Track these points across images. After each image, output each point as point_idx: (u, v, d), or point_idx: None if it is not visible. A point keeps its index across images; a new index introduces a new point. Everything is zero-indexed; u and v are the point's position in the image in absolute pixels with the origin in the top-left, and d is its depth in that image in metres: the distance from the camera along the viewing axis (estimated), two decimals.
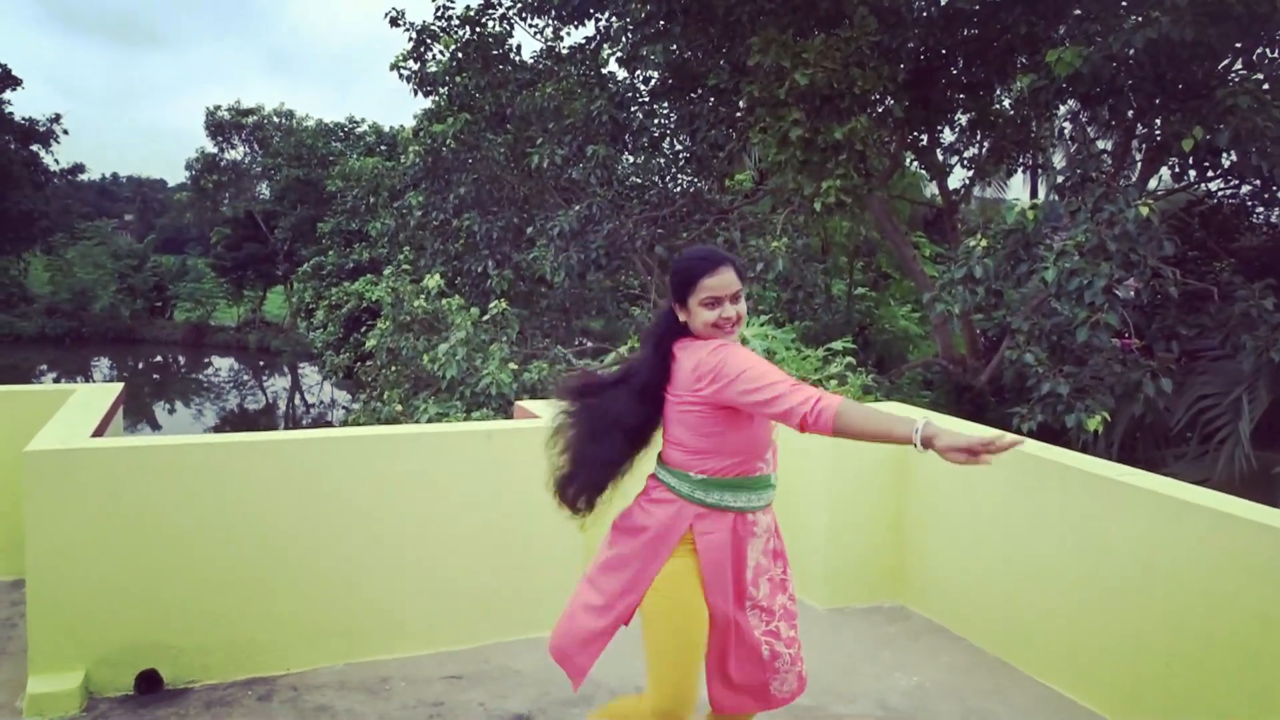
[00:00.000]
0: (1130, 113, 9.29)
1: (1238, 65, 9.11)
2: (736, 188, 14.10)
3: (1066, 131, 13.46)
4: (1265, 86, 8.31)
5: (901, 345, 15.44)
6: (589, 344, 14.29)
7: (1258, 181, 9.72)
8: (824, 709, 3.56)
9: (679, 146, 13.29)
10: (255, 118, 38.38)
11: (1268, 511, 3.23)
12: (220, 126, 38.53)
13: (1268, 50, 9.43)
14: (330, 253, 27.03)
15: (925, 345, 15.40)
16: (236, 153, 39.65)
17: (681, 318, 2.57)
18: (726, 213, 13.05)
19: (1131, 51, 8.06)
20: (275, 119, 38.43)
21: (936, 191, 13.99)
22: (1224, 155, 8.59)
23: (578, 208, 11.72)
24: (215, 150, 39.17)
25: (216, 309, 41.01)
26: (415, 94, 13.22)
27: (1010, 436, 2.21)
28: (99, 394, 4.84)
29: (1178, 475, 7.68)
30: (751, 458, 2.54)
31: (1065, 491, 3.82)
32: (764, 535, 2.63)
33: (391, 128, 32.86)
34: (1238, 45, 8.96)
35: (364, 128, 36.43)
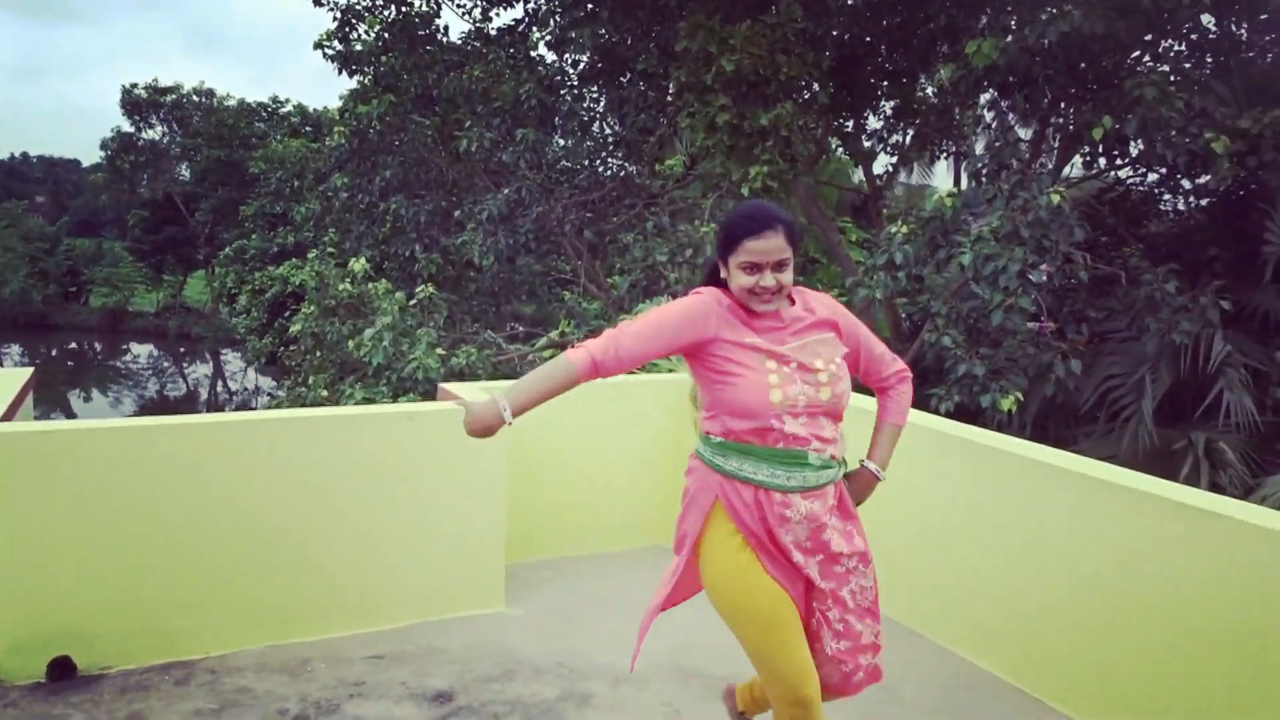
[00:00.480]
0: (1045, 102, 9.57)
1: (1146, 57, 9.46)
2: (667, 172, 14.18)
3: (988, 120, 13.81)
4: (1171, 78, 8.65)
5: None
6: (520, 329, 14.26)
7: (1164, 170, 10.09)
8: (741, 678, 3.65)
9: (609, 130, 13.30)
10: (174, 96, 37.23)
11: (1159, 483, 3.41)
12: (137, 105, 37.28)
13: (1173, 43, 9.82)
14: (253, 236, 26.45)
15: None
16: (154, 133, 38.45)
17: (723, 275, 2.41)
18: (656, 197, 13.12)
19: (1046, 43, 8.31)
20: (195, 98, 37.34)
21: (863, 177, 14.26)
22: (1132, 144, 8.91)
23: (506, 191, 11.67)
24: (132, 130, 37.90)
25: (134, 294, 39.79)
26: (340, 74, 13.00)
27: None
28: (7, 379, 4.72)
29: (1086, 452, 7.98)
30: (757, 416, 2.30)
31: (970, 467, 3.97)
32: (804, 524, 2.36)
33: (316, 109, 32.25)
34: (1146, 38, 9.31)
35: (288, 108, 35.67)
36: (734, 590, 2.37)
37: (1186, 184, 10.29)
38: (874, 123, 12.98)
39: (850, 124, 12.79)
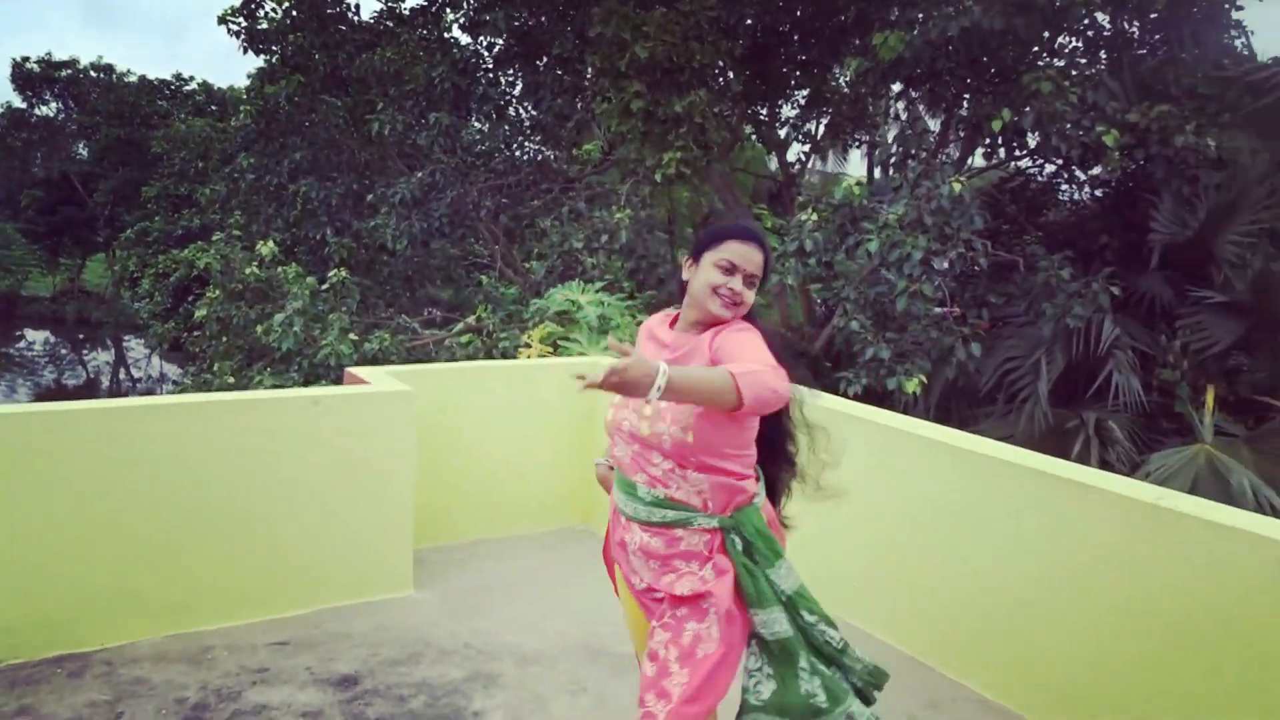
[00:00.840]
0: (949, 95, 9.86)
1: (1043, 53, 9.81)
2: (585, 157, 14.17)
3: (899, 110, 14.15)
4: (1069, 72, 8.99)
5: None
6: (438, 313, 14.11)
7: (1059, 161, 10.49)
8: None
9: (525, 115, 13.23)
10: (69, 72, 35.60)
11: (1041, 458, 3.59)
12: (29, 80, 35.54)
13: (1069, 39, 10.21)
14: (156, 218, 25.54)
15: (767, 314, 15.92)
16: (49, 109, 36.72)
17: (685, 275, 2.36)
18: (574, 182, 13.10)
19: (949, 37, 8.56)
20: (93, 74, 35.77)
21: (778, 165, 14.47)
22: (1029, 136, 9.24)
23: (420, 174, 11.53)
24: (24, 106, 36.15)
25: (29, 278, 38.00)
26: (245, 52, 12.64)
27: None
28: None
29: (986, 432, 8.27)
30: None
31: (868, 445, 4.11)
32: (640, 557, 2.29)
33: (222, 88, 31.26)
34: (1044, 35, 9.66)
35: (192, 86, 34.46)
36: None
37: (1081, 175, 10.72)
38: (788, 111, 13.20)
39: (765, 112, 12.96)
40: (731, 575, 2.21)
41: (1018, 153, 10.53)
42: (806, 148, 14.00)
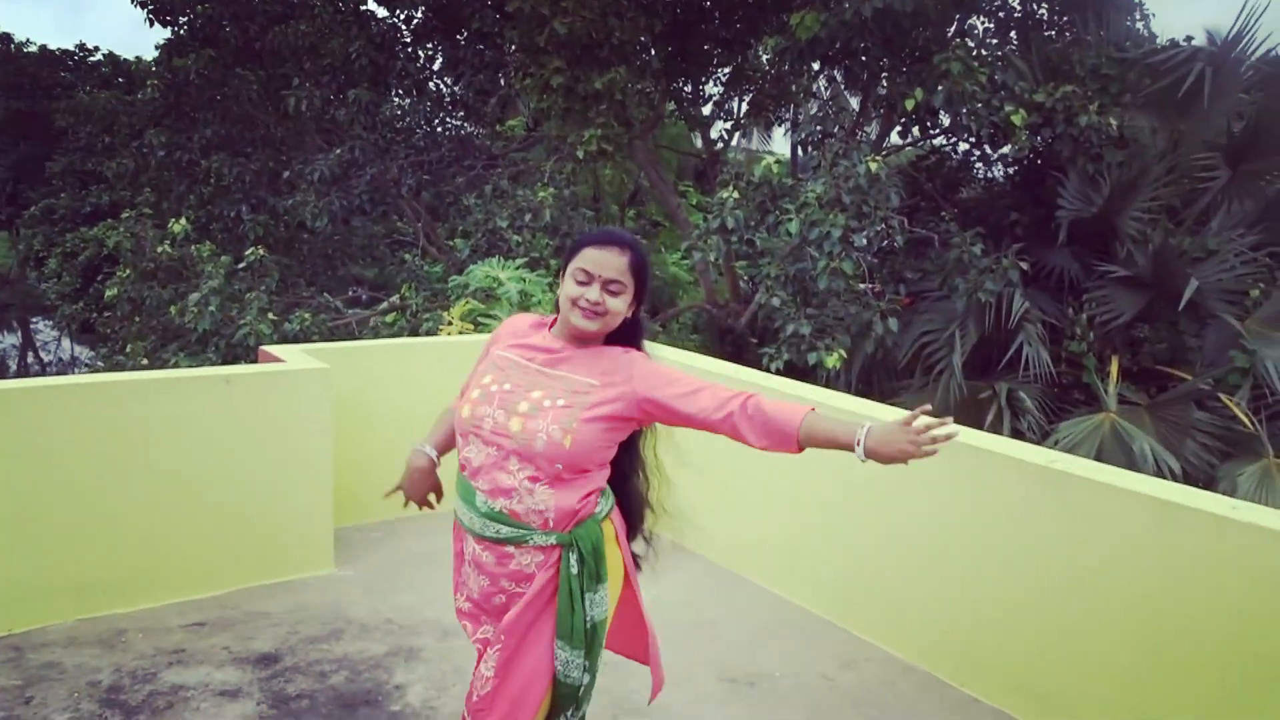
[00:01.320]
0: (865, 74, 10.03)
1: (955, 34, 10.05)
2: (509, 134, 14.05)
3: (820, 89, 14.33)
4: (980, 52, 9.23)
5: (672, 291, 16.07)
6: (363, 292, 13.90)
7: (972, 140, 10.78)
8: None
9: (445, 90, 13.06)
10: None
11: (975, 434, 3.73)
12: None
13: (981, 20, 10.46)
14: (62, 195, 24.49)
15: (694, 291, 16.08)
16: None
17: (558, 289, 2.25)
18: (497, 159, 13.00)
19: (864, 18, 8.70)
20: None
21: (702, 143, 14.57)
22: (941, 115, 9.46)
23: (339, 151, 11.33)
24: None
25: None
26: (152, 25, 12.21)
27: (947, 428, 2.09)
28: None
29: (906, 404, 8.49)
30: (458, 429, 2.26)
31: None
32: (473, 570, 2.20)
33: (128, 59, 30.06)
34: (957, 16, 9.89)
35: (97, 57, 33.04)
36: None
37: (992, 153, 11.02)
38: (711, 89, 13.28)
39: (688, 89, 13.01)
40: (551, 607, 2.14)
41: (932, 131, 10.78)
42: (729, 125, 14.11)
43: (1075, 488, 3.17)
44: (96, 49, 34.03)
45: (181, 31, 12.42)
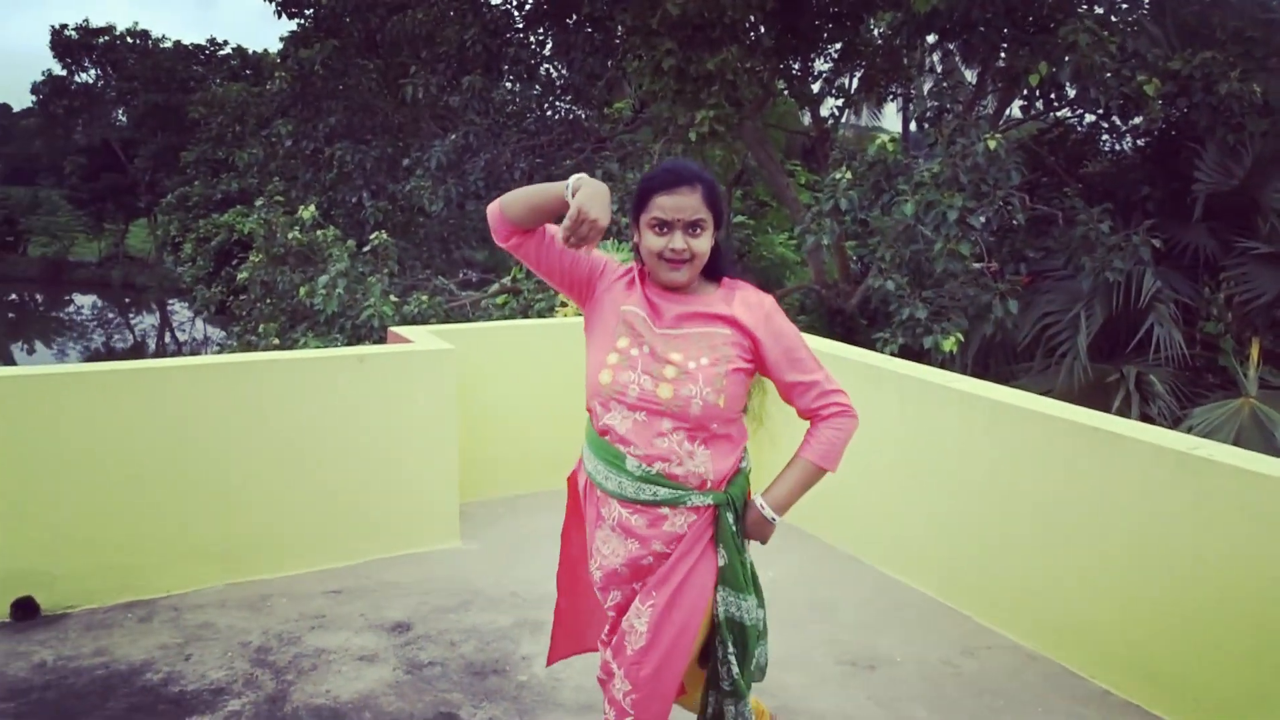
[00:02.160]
0: (984, 47, 9.71)
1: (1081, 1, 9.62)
2: (616, 116, 14.12)
3: (934, 63, 13.93)
4: (1110, 19, 8.81)
5: (779, 271, 15.94)
6: (473, 275, 14.25)
7: (1099, 112, 10.33)
8: None
9: (556, 74, 13.20)
10: (107, 39, 35.93)
11: (1075, 409, 3.64)
12: (68, 47, 35.91)
13: None
14: (196, 183, 25.82)
15: (802, 271, 15.90)
16: (88, 76, 37.14)
17: (634, 240, 2.17)
18: (605, 141, 13.09)
19: None
20: (129, 40, 36.07)
21: (811, 121, 14.34)
22: (1067, 88, 9.09)
23: (454, 137, 11.59)
24: (64, 73, 36.58)
25: (75, 243, 38.72)
26: (279, 16, 12.71)
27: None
28: None
29: (1025, 388, 8.28)
30: (591, 394, 2.18)
31: (903, 398, 4.17)
32: (618, 535, 2.16)
33: (256, 51, 31.36)
34: None
35: (227, 51, 34.62)
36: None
37: (1121, 125, 10.54)
38: (821, 65, 13.05)
39: (797, 66, 12.82)
40: (712, 560, 2.16)
41: (1056, 104, 10.36)
42: (840, 102, 13.85)
43: (1217, 475, 3.04)
44: (226, 43, 35.73)
45: (307, 24, 12.88)
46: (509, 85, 13.01)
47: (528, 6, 12.93)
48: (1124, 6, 10.32)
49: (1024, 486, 3.65)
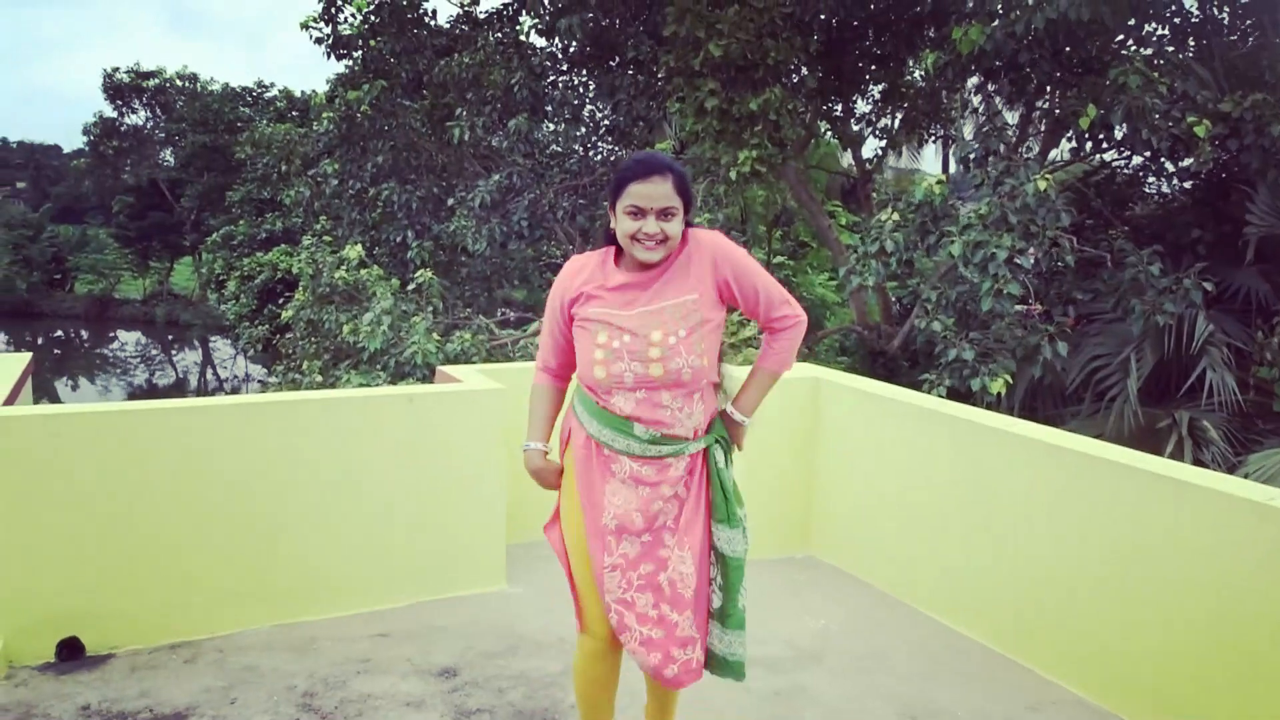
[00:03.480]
0: (1031, 88, 9.65)
1: (1129, 41, 9.54)
2: None
3: (975, 104, 13.89)
4: (1155, 61, 8.73)
5: (819, 312, 15.85)
6: (511, 314, 14.29)
7: (1148, 153, 10.21)
8: None
9: (600, 115, 13.32)
10: (157, 81, 36.95)
11: (1128, 453, 3.52)
12: (119, 90, 36.97)
13: (1156, 27, 9.91)
14: (241, 222, 26.34)
15: (842, 312, 15.83)
16: (137, 117, 38.17)
17: (612, 224, 2.40)
18: None
19: (1035, 29, 8.38)
20: (178, 83, 37.07)
21: (852, 161, 14.32)
22: (1116, 129, 9.00)
23: (497, 177, 11.69)
24: (114, 115, 37.62)
25: (120, 281, 39.57)
26: (328, 57, 12.97)
27: None
28: (7, 363, 4.76)
29: (1073, 431, 8.10)
30: (590, 385, 2.42)
31: (960, 443, 4.07)
32: (630, 485, 2.39)
33: (303, 92, 32.06)
34: (1129, 22, 9.40)
35: (274, 92, 35.45)
36: (564, 519, 2.58)
37: (1170, 166, 10.41)
38: (862, 107, 13.06)
39: (839, 108, 12.85)
40: (705, 497, 2.45)
41: (1104, 146, 10.26)
42: (882, 143, 13.84)
43: None
44: (272, 84, 36.60)
45: (355, 66, 13.12)
46: (551, 126, 13.14)
47: (572, 49, 13.09)
48: (1170, 49, 10.24)
49: (1089, 535, 3.52)
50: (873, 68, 11.97)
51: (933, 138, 14.43)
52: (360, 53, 12.87)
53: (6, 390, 4.12)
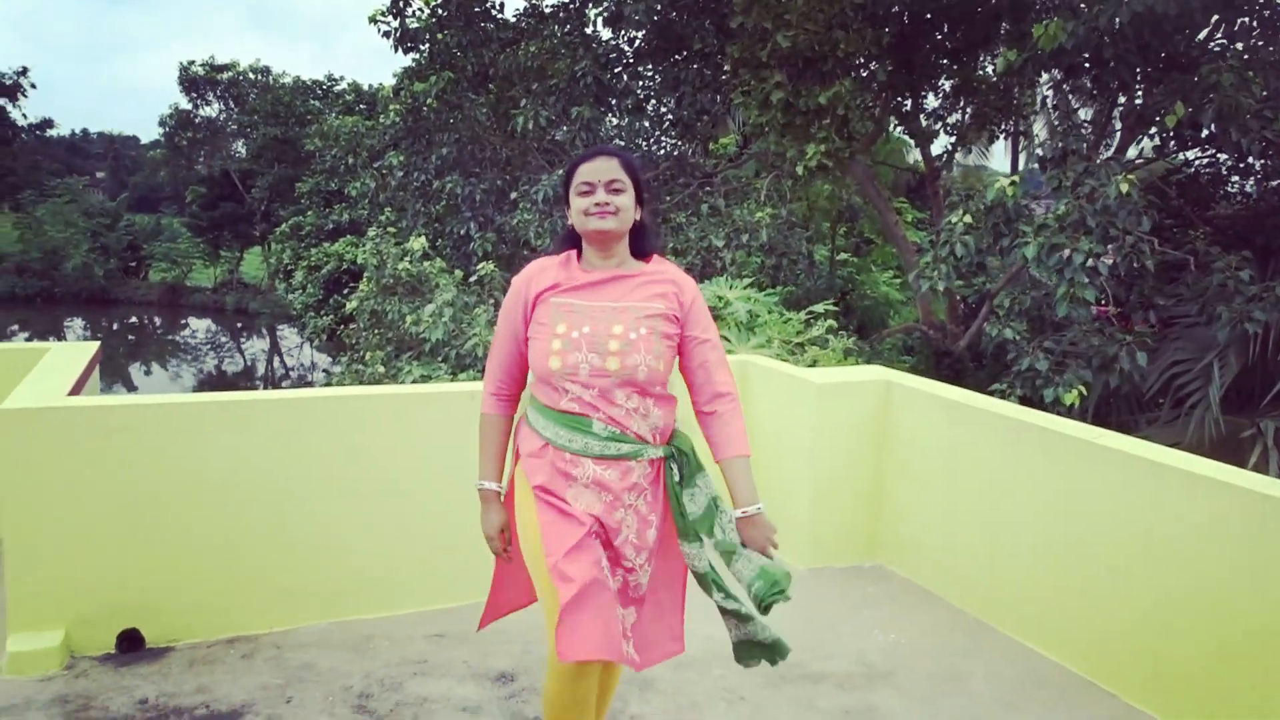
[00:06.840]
0: (1113, 84, 9.29)
1: (1218, 34, 9.13)
2: (720, 151, 14.03)
3: (1049, 100, 13.46)
4: (1245, 57, 8.34)
5: (883, 311, 15.52)
6: None
7: (1235, 152, 9.78)
8: (804, 665, 3.63)
9: (664, 109, 13.20)
10: (230, 74, 37.78)
11: (1237, 472, 3.30)
12: (195, 83, 37.90)
13: (1248, 20, 9.46)
14: (309, 213, 26.76)
15: (906, 311, 15.47)
16: (211, 110, 39.08)
17: (569, 220, 2.44)
18: (710, 177, 13.01)
19: (1119, 23, 8.04)
20: (251, 76, 37.87)
21: (919, 157, 13.99)
22: (1204, 128, 8.63)
23: (560, 171, 11.64)
24: (190, 107, 38.56)
25: (193, 269, 40.60)
26: (396, 51, 13.05)
27: None
28: (74, 353, 4.81)
29: (1149, 439, 7.82)
30: (543, 381, 2.37)
31: (1044, 454, 3.87)
32: (593, 490, 2.34)
33: (371, 85, 32.49)
34: (1216, 17, 8.99)
35: (343, 85, 35.98)
36: (521, 524, 2.47)
37: (1256, 165, 9.96)
38: (932, 101, 12.73)
39: (909, 102, 12.54)
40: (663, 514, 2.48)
41: (1189, 145, 9.86)
42: (952, 139, 13.50)
43: None
44: (341, 78, 37.21)
45: (421, 58, 13.18)
46: (615, 120, 13.05)
47: (638, 42, 12.98)
48: (1259, 44, 9.77)
49: (1188, 559, 3.30)
50: (944, 61, 11.64)
51: (1003, 134, 14.02)
52: (427, 46, 12.92)
53: (73, 380, 4.15)
